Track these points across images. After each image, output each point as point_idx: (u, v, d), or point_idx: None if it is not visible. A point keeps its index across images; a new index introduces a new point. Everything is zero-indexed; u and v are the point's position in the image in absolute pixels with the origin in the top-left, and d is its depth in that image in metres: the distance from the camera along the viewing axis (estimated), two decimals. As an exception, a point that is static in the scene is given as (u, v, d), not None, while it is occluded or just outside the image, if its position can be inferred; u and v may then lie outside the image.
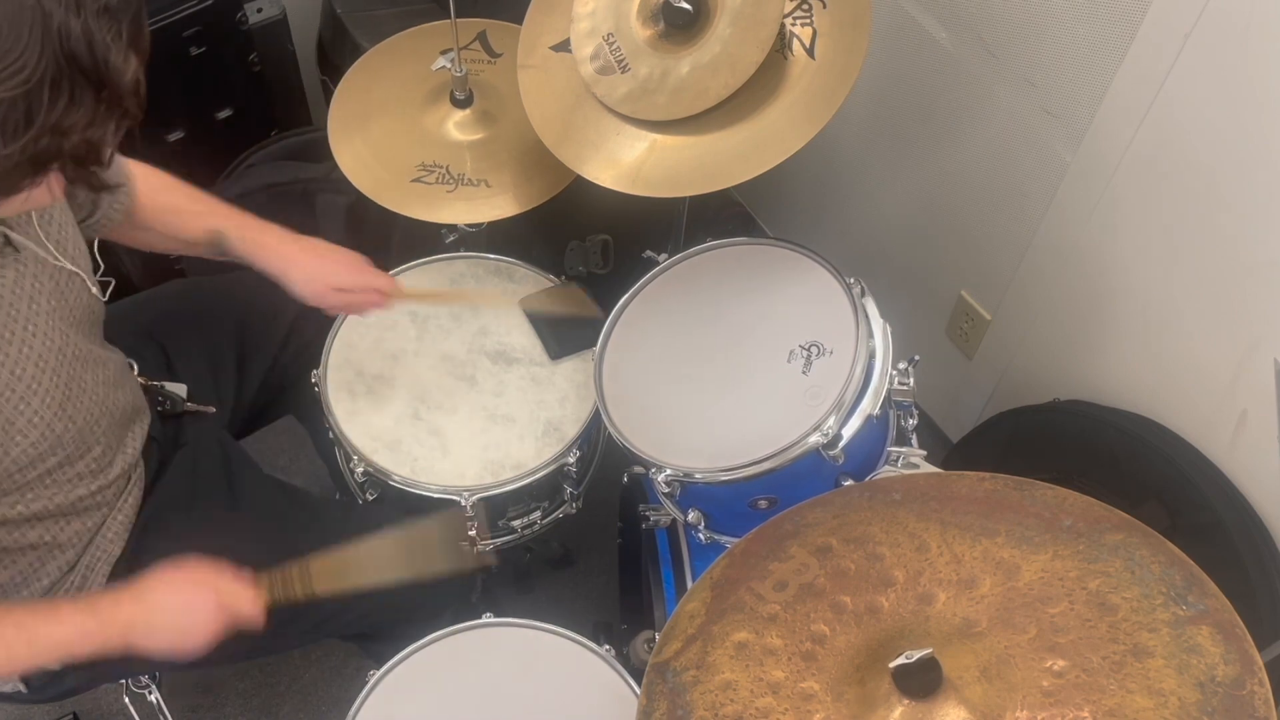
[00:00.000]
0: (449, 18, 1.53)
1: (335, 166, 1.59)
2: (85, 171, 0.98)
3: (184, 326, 1.53)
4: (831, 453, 1.27)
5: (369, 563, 1.32)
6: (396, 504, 1.52)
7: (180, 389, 1.47)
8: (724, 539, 1.43)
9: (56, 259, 1.20)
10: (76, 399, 1.20)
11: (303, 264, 1.41)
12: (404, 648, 1.34)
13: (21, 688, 1.32)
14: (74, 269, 1.22)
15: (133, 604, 1.18)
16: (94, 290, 1.26)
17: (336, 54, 2.06)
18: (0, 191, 0.96)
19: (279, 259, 1.41)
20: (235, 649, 1.43)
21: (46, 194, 1.01)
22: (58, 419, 1.17)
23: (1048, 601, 0.90)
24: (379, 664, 1.34)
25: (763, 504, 1.34)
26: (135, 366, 1.41)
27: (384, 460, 1.48)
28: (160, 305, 1.59)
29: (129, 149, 1.05)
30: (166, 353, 1.51)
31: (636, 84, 1.39)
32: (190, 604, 1.20)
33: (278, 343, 1.57)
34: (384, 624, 1.48)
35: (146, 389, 1.41)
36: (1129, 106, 1.41)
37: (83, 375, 1.22)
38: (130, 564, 1.31)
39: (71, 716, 1.88)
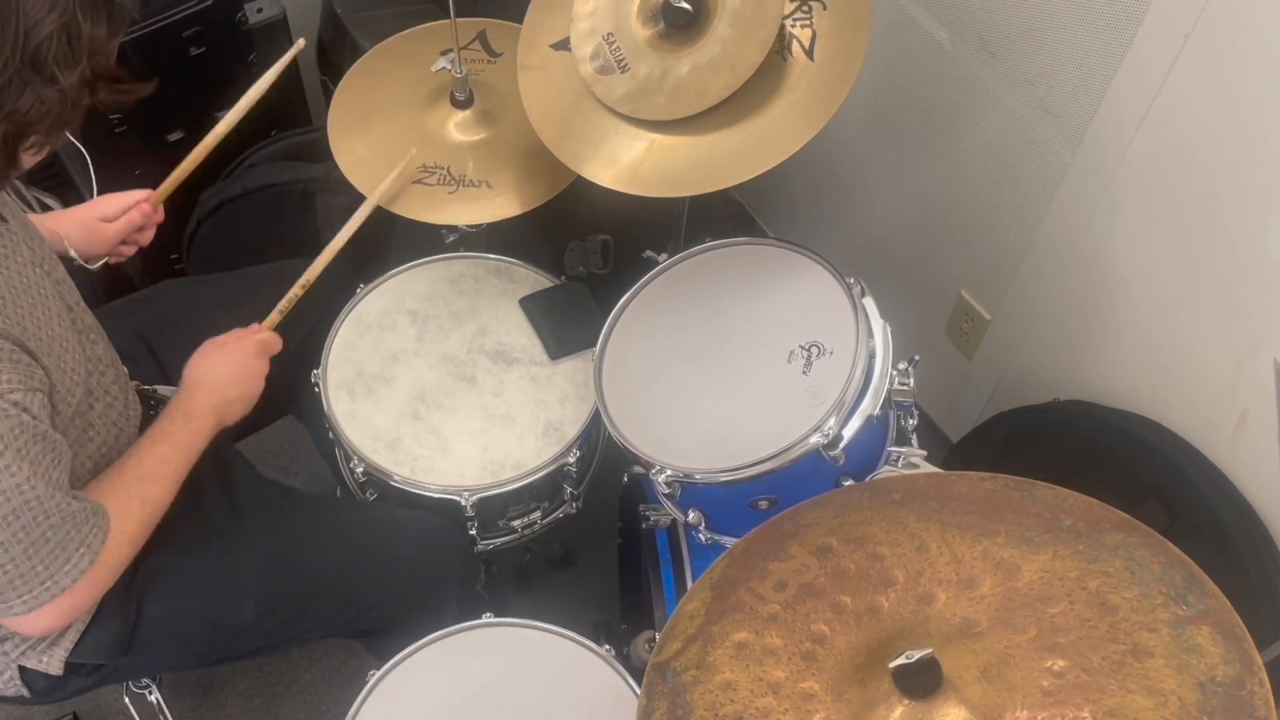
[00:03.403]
0: (449, 18, 1.53)
1: (335, 166, 1.59)
2: (121, 86, 1.06)
3: (175, 328, 1.54)
4: (832, 453, 1.27)
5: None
6: (396, 502, 1.52)
7: (173, 393, 1.47)
8: (724, 539, 1.43)
9: (37, 228, 1.24)
10: (90, 356, 1.25)
11: (65, 214, 1.50)
12: (407, 643, 1.34)
13: (25, 692, 1.32)
14: (44, 238, 1.25)
15: (206, 394, 1.34)
16: (60, 265, 1.29)
17: (336, 54, 2.06)
18: (65, 124, 1.04)
19: (47, 222, 1.45)
20: (238, 648, 1.43)
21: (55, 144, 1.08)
22: (88, 374, 1.22)
23: (1048, 601, 0.90)
24: (381, 660, 1.34)
25: (763, 504, 1.34)
26: (128, 371, 1.41)
27: (384, 460, 1.48)
28: (151, 307, 1.59)
29: (129, 149, 1.08)
30: (157, 356, 1.51)
31: (636, 84, 1.39)
32: (243, 365, 1.38)
33: None
34: (387, 618, 1.48)
35: (140, 394, 1.41)
36: (1129, 106, 1.41)
37: (86, 334, 1.26)
38: (133, 568, 1.31)
39: (71, 717, 1.88)
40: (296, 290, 1.47)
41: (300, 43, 1.56)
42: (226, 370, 1.37)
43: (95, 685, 1.38)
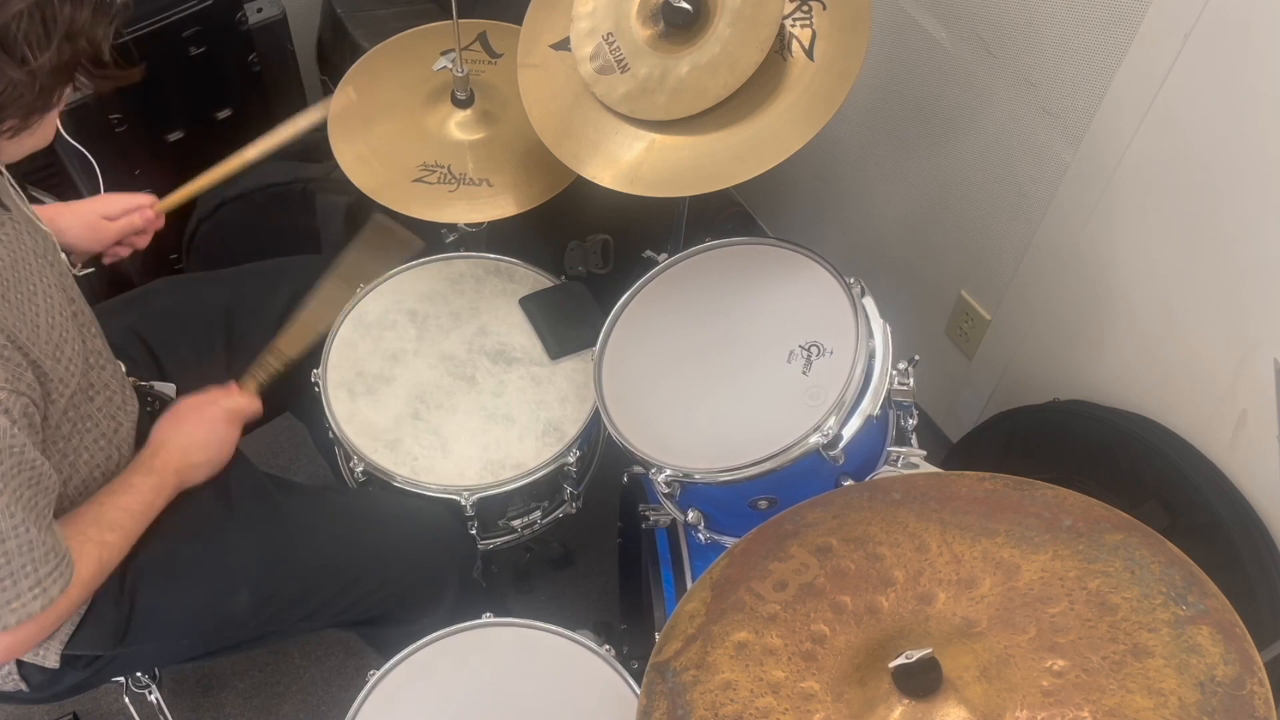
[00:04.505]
0: (449, 18, 1.53)
1: (335, 166, 1.59)
2: (103, 72, 1.04)
3: (171, 325, 1.54)
4: (832, 453, 1.27)
5: (322, 309, 1.52)
6: (395, 498, 1.52)
7: (169, 389, 1.47)
8: (724, 539, 1.43)
9: (37, 219, 1.23)
10: (90, 349, 1.24)
11: (67, 207, 1.50)
12: (404, 634, 1.34)
13: (23, 686, 1.32)
14: (47, 229, 1.25)
15: (168, 454, 1.32)
16: (63, 256, 1.29)
17: (336, 54, 2.06)
18: (40, 108, 1.02)
19: (48, 213, 1.44)
20: (235, 638, 1.43)
21: (49, 132, 1.07)
22: (87, 366, 1.22)
23: (1048, 601, 0.90)
24: (380, 652, 1.34)
25: (763, 504, 1.34)
26: (124, 367, 1.41)
27: (384, 460, 1.48)
28: (148, 304, 1.59)
29: (129, 149, 1.07)
30: (154, 353, 1.51)
31: (636, 84, 1.39)
32: (210, 432, 1.37)
33: (268, 338, 1.57)
34: (384, 606, 1.47)
35: (136, 390, 1.41)
36: (1129, 106, 1.41)
37: (87, 327, 1.26)
38: (126, 558, 1.30)
39: (71, 716, 1.88)
40: (271, 360, 1.46)
41: (350, 92, 1.61)
42: (193, 436, 1.35)
43: (93, 679, 1.38)
